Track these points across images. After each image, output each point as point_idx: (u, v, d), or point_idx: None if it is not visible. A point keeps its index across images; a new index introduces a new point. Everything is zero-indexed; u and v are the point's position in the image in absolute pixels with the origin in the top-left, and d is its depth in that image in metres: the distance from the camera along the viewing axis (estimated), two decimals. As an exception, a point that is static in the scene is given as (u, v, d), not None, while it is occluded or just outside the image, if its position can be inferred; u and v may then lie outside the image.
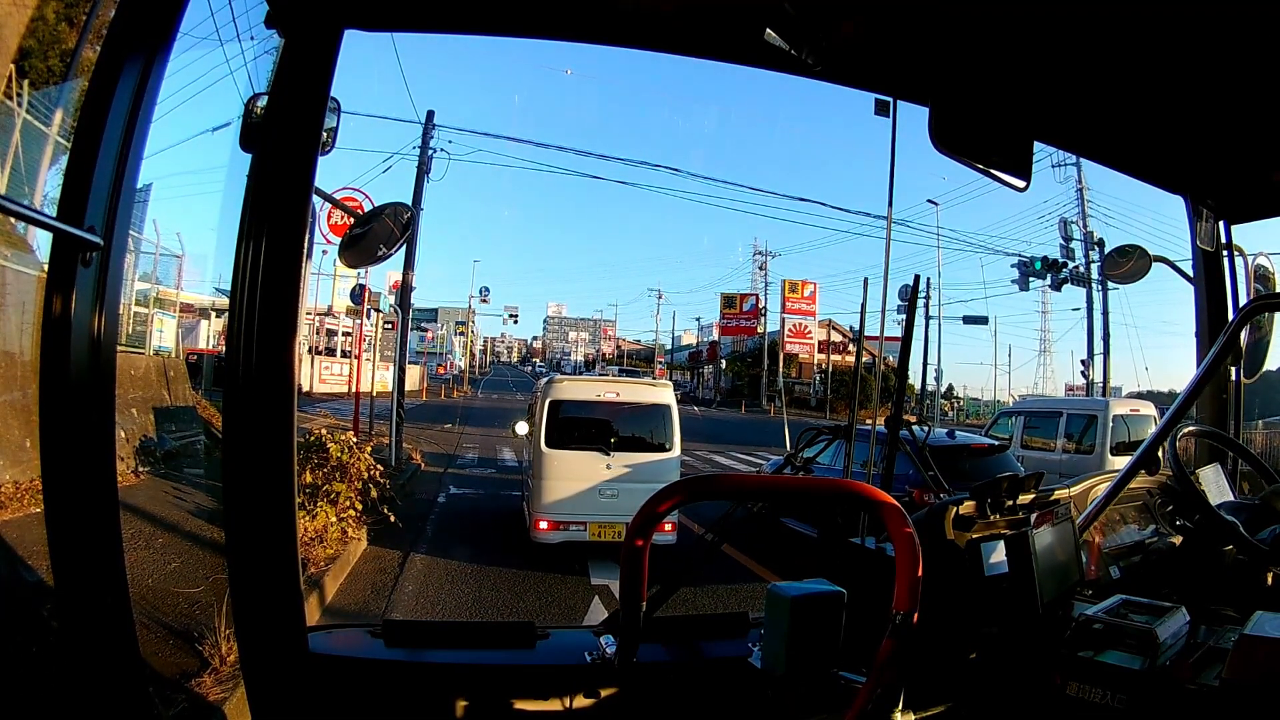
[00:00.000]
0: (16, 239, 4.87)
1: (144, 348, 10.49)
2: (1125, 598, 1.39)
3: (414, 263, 13.88)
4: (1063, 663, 1.27)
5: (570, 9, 1.51)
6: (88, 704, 1.16)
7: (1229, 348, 1.96)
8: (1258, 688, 1.07)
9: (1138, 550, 1.90)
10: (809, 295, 44.47)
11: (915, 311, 2.00)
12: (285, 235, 1.35)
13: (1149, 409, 10.46)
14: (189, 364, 12.66)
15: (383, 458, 9.68)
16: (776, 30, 1.37)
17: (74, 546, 1.14)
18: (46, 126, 5.74)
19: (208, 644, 3.61)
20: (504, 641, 1.65)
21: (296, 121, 1.37)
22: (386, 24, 1.49)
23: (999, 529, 1.45)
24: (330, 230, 10.84)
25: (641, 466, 6.74)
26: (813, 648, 1.25)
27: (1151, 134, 1.84)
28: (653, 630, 1.62)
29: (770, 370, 43.25)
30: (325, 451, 6.68)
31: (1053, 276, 22.68)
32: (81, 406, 1.12)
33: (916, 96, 1.63)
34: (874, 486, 1.19)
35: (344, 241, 1.94)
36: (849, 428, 2.12)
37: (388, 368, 17.98)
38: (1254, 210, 2.27)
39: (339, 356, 30.48)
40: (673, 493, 1.14)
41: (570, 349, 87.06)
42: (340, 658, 1.53)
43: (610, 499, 6.59)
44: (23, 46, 3.93)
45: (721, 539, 2.08)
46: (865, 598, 1.32)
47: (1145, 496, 2.04)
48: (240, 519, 1.35)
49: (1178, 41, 1.38)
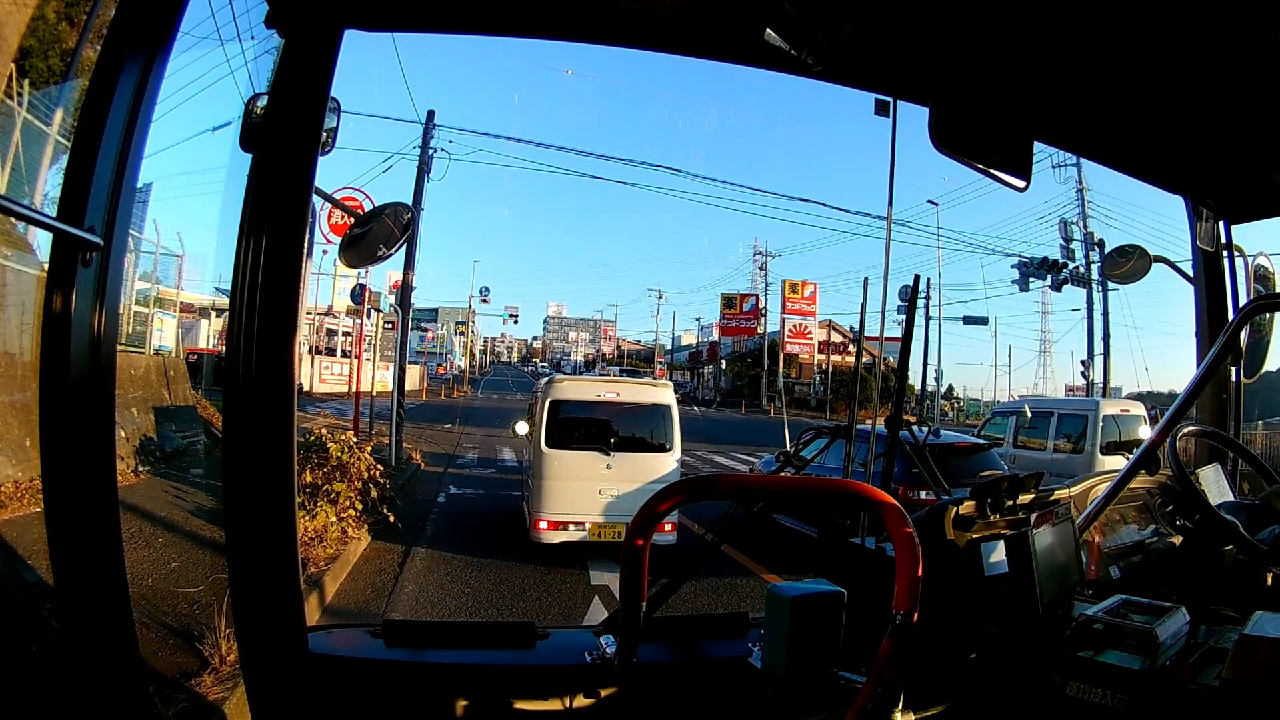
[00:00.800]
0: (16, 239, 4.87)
1: (144, 347, 10.48)
2: (1125, 598, 1.39)
3: (414, 263, 13.90)
4: (1063, 663, 1.27)
5: (570, 9, 1.51)
6: (88, 704, 1.16)
7: (1229, 348, 1.96)
8: (1258, 688, 1.07)
9: (1138, 550, 1.90)
10: (809, 295, 44.47)
11: (915, 311, 2.00)
12: (285, 235, 1.35)
13: (1139, 409, 10.61)
14: (189, 364, 12.68)
15: (383, 457, 9.68)
16: (776, 30, 1.37)
17: (74, 546, 1.14)
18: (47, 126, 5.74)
19: (208, 644, 3.61)
20: (504, 641, 1.65)
21: (296, 121, 1.37)
22: (386, 24, 1.49)
23: (999, 529, 1.45)
24: (330, 230, 10.85)
25: (641, 466, 6.74)
26: (813, 648, 1.25)
27: (1151, 134, 1.84)
28: (653, 630, 1.62)
29: (770, 370, 43.25)
30: (325, 451, 6.69)
31: (1053, 277, 22.69)
32: (81, 406, 1.12)
33: (916, 96, 1.63)
34: (874, 486, 1.19)
35: (344, 241, 1.94)
36: (849, 428, 2.12)
37: (388, 367, 17.98)
38: (1254, 210, 2.27)
39: (339, 356, 30.49)
40: (673, 493, 1.14)
41: (570, 349, 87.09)
42: (340, 658, 1.53)
43: (610, 499, 6.58)
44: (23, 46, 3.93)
45: (721, 539, 2.08)
46: (865, 598, 1.32)
47: (1145, 496, 2.04)
48: (240, 519, 1.35)
49: (1177, 42, 1.38)
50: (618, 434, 6.91)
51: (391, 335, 19.18)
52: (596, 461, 6.67)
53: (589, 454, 6.68)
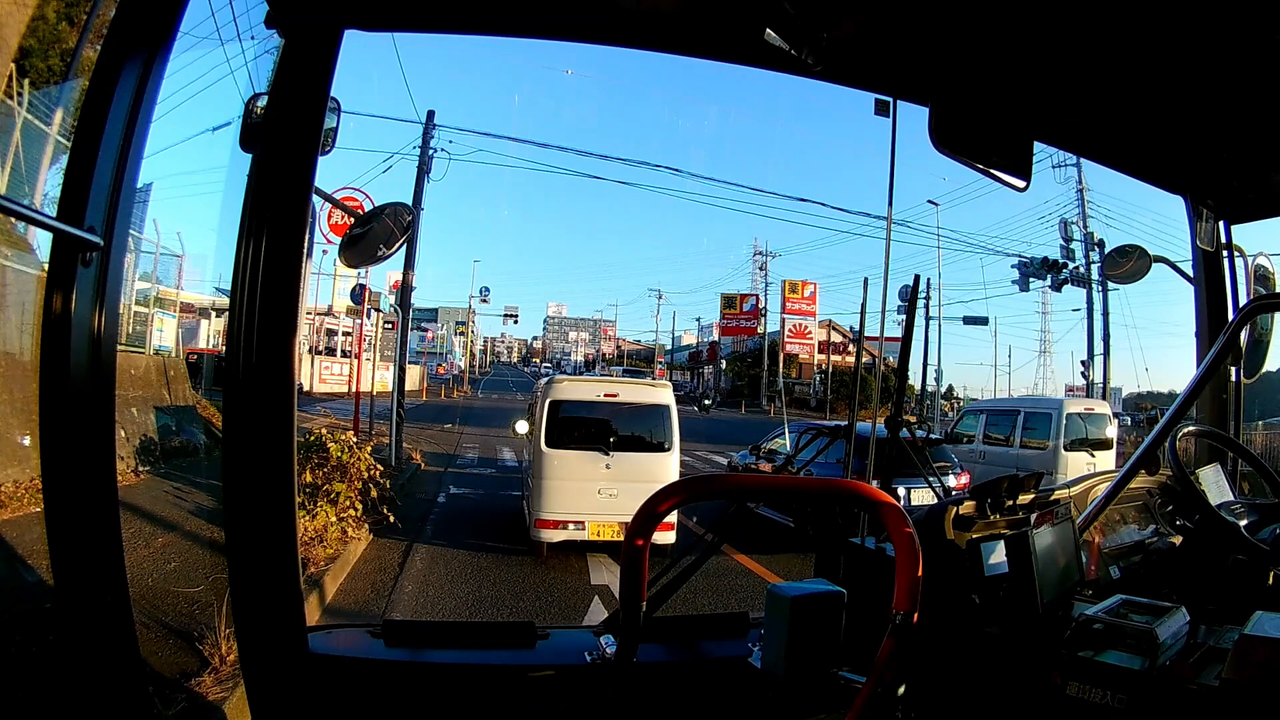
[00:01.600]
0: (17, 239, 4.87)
1: (144, 347, 10.47)
2: (1125, 598, 1.39)
3: (414, 263, 13.89)
4: (1063, 663, 1.27)
5: (570, 9, 1.51)
6: (88, 704, 1.16)
7: (1229, 348, 1.96)
8: (1258, 688, 1.07)
9: (1138, 550, 1.90)
10: (809, 296, 44.46)
11: (915, 311, 2.00)
12: (285, 235, 1.35)
13: (1104, 408, 11.14)
14: (189, 364, 12.65)
15: (383, 457, 9.68)
16: (776, 30, 1.37)
17: (74, 546, 1.14)
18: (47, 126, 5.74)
19: (208, 644, 3.61)
20: (504, 641, 1.65)
21: (296, 122, 1.37)
22: (386, 24, 1.49)
23: (999, 529, 1.45)
24: (330, 230, 10.84)
25: (641, 466, 6.76)
26: (813, 648, 1.25)
27: (1151, 134, 1.84)
28: (653, 630, 1.62)
29: (770, 371, 43.24)
30: (325, 451, 6.68)
31: (1053, 277, 22.69)
32: (82, 407, 1.12)
33: (916, 96, 1.63)
34: (874, 486, 1.19)
35: (344, 241, 1.94)
36: (849, 427, 2.12)
37: (388, 368, 17.98)
38: (1254, 210, 2.27)
39: (339, 356, 30.49)
40: (673, 493, 1.14)
41: (570, 349, 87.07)
42: (340, 658, 1.53)
43: (610, 498, 6.60)
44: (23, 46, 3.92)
45: (722, 539, 2.08)
46: (865, 598, 1.32)
47: (1145, 496, 2.04)
48: (240, 519, 1.35)
49: (1177, 42, 1.38)
50: (617, 434, 6.92)
51: (391, 335, 19.18)
52: (596, 461, 6.68)
53: (588, 453, 6.69)
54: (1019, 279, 24.26)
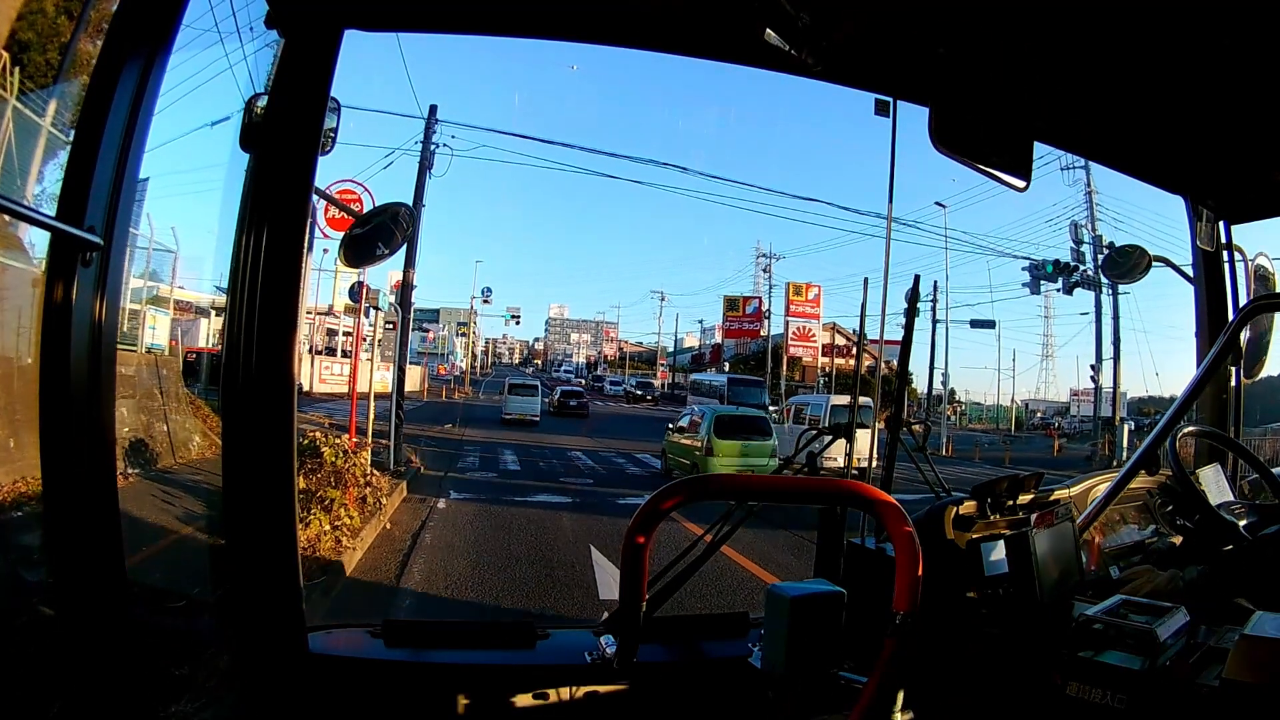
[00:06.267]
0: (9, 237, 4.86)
1: (136, 345, 10.33)
2: (1125, 598, 1.38)
3: (415, 261, 13.83)
4: (1063, 663, 1.26)
5: (570, 9, 1.51)
6: (88, 704, 1.16)
7: (1229, 348, 1.96)
8: (1258, 688, 1.07)
9: (1138, 550, 1.89)
10: (813, 298, 44.43)
11: (915, 312, 2.00)
12: (285, 235, 1.35)
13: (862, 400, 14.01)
14: (188, 363, 12.59)
15: (380, 460, 9.61)
16: (776, 30, 1.37)
17: (74, 546, 1.14)
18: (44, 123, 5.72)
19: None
20: (504, 641, 1.64)
21: (296, 122, 1.37)
22: (386, 24, 1.49)
23: (999, 529, 1.45)
24: (329, 224, 10.71)
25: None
26: (813, 648, 1.25)
27: (1152, 134, 1.84)
28: (653, 630, 1.62)
29: (773, 373, 43.23)
30: (319, 456, 6.56)
31: (1064, 280, 22.63)
32: (81, 407, 1.12)
33: (916, 96, 1.64)
34: (874, 486, 1.19)
35: (344, 241, 1.94)
36: (849, 427, 2.12)
37: (388, 368, 17.93)
38: (1254, 210, 2.27)
39: (339, 356, 30.45)
40: (673, 492, 1.14)
41: (572, 350, 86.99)
42: (340, 658, 1.53)
43: None
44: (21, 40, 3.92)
45: (721, 539, 2.07)
46: (865, 598, 1.32)
47: (1145, 496, 2.04)
48: (240, 519, 1.35)
49: (1177, 42, 1.38)
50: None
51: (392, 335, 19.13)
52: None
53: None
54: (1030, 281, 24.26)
